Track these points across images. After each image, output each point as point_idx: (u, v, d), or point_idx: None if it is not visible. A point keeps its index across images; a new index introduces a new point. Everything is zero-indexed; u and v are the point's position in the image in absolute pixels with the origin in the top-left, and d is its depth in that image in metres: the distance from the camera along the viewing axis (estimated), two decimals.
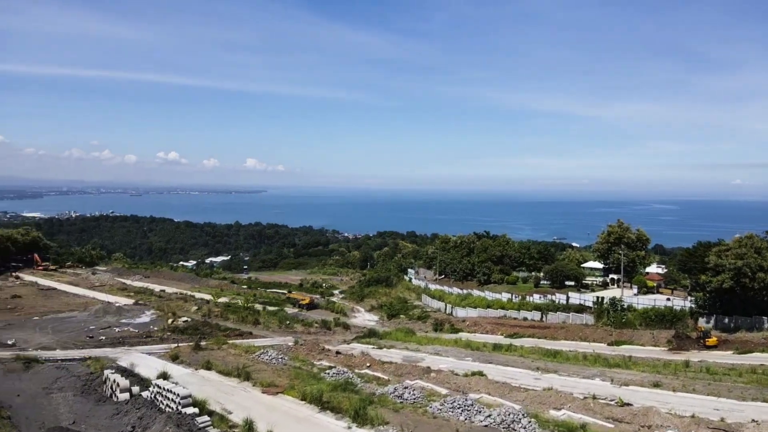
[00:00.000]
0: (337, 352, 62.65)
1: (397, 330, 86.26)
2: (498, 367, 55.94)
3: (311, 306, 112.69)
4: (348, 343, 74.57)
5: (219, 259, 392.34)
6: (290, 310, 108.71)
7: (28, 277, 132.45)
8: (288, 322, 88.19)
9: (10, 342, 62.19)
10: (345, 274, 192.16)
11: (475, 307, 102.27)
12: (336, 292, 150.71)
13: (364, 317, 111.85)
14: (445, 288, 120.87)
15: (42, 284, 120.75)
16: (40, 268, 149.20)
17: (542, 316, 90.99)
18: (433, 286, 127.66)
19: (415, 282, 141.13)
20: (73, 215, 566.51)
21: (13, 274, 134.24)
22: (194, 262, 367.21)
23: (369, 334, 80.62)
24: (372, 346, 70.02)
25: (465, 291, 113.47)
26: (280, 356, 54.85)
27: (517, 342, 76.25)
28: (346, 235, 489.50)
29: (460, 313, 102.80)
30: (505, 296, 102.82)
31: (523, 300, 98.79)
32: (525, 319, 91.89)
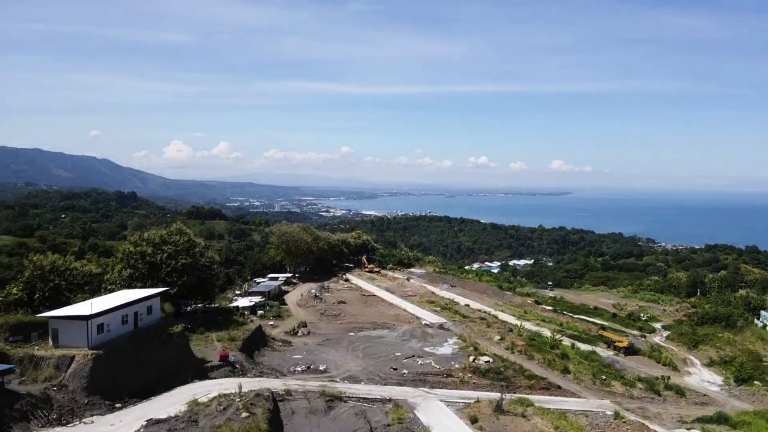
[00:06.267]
0: None
1: (757, 414, 63.66)
2: None
3: (629, 350, 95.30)
4: (687, 428, 57.51)
5: (522, 262, 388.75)
6: (602, 351, 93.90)
7: (355, 280, 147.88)
8: (604, 377, 74.32)
9: (322, 368, 65.71)
10: (668, 302, 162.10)
11: None
12: (658, 327, 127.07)
13: (701, 376, 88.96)
14: None
15: (365, 290, 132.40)
16: (367, 270, 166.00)
17: None
18: None
19: None
20: (399, 214, 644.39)
21: (344, 276, 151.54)
22: (498, 264, 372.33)
23: (717, 419, 60.97)
24: None
25: None
26: None
27: None
28: (663, 245, 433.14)
29: None
30: None
31: None
32: None
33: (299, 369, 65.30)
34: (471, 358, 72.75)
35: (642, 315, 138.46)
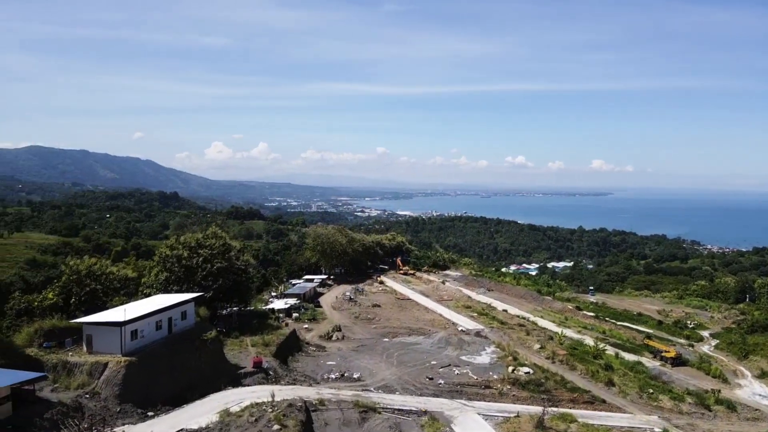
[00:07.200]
0: None
1: None
2: None
3: (677, 361, 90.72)
4: None
5: (561, 264, 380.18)
6: (648, 361, 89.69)
7: (389, 282, 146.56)
8: (651, 390, 70.57)
9: (356, 375, 64.38)
10: (715, 309, 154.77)
11: None
12: (705, 335, 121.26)
13: (752, 389, 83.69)
14: None
15: (400, 293, 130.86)
16: (401, 272, 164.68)
17: None
18: None
19: None
20: (434, 214, 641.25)
21: (378, 278, 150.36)
22: (536, 266, 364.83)
23: None
24: None
25: None
26: None
27: None
28: (709, 248, 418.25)
29: None
30: None
31: None
32: None
33: (333, 376, 64.21)
34: (510, 368, 70.10)
35: (689, 322, 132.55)
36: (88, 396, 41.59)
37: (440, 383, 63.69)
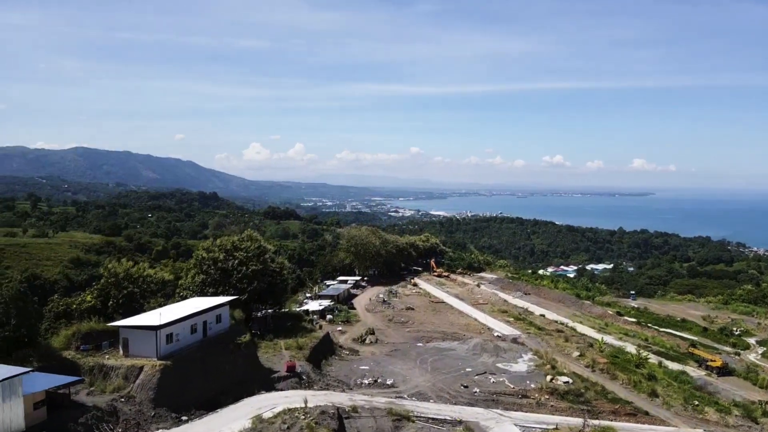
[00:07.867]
0: None
1: None
2: None
3: (723, 371, 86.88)
4: None
5: (600, 266, 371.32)
6: (693, 371, 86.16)
7: (423, 284, 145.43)
8: (696, 402, 67.51)
9: (389, 382, 63.67)
10: (763, 315, 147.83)
11: None
12: (752, 342, 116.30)
13: None
14: None
15: (434, 296, 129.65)
16: (435, 274, 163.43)
17: None
18: None
19: None
20: (469, 214, 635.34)
21: (412, 281, 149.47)
22: (574, 268, 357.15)
23: None
24: None
25: None
26: None
27: None
28: (755, 250, 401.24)
29: None
30: None
31: None
32: None
33: (366, 382, 63.68)
34: (548, 377, 68.15)
35: (735, 329, 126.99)
36: (123, 400, 42.00)
37: (475, 392, 62.39)
